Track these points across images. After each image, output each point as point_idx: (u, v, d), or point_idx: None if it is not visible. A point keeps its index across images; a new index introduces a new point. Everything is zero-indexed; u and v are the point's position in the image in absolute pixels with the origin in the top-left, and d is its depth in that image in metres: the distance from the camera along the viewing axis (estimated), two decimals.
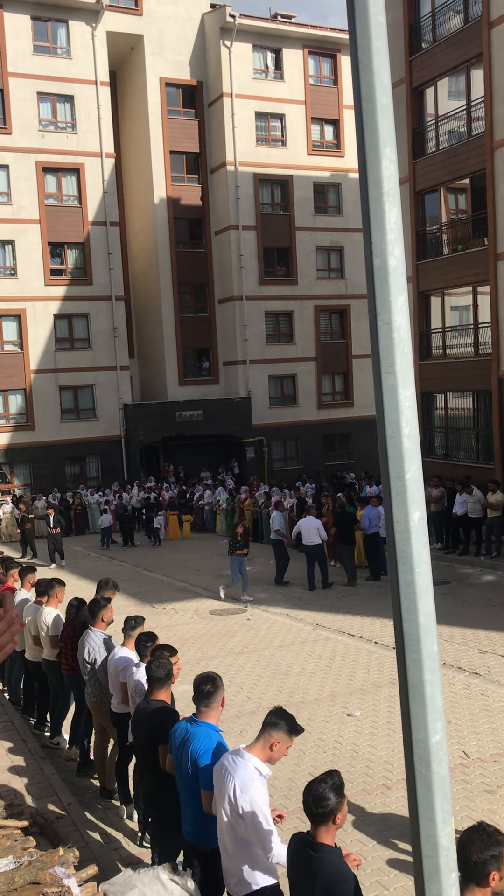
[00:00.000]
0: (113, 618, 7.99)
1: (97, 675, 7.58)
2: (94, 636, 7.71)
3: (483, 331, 22.73)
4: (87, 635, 7.76)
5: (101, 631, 7.78)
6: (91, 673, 7.64)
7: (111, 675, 7.23)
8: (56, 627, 8.84)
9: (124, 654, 7.12)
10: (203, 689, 4.93)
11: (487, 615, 14.08)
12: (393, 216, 2.09)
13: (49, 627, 8.87)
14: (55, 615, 8.94)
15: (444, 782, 2.19)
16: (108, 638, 7.77)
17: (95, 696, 7.68)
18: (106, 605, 7.89)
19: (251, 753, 4.42)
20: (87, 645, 7.68)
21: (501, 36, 20.75)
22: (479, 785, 7.53)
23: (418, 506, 2.15)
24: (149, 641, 6.78)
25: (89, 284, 33.00)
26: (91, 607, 7.96)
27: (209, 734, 4.86)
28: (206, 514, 28.82)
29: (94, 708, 7.78)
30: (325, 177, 36.76)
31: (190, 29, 34.80)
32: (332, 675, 11.27)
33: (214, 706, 4.95)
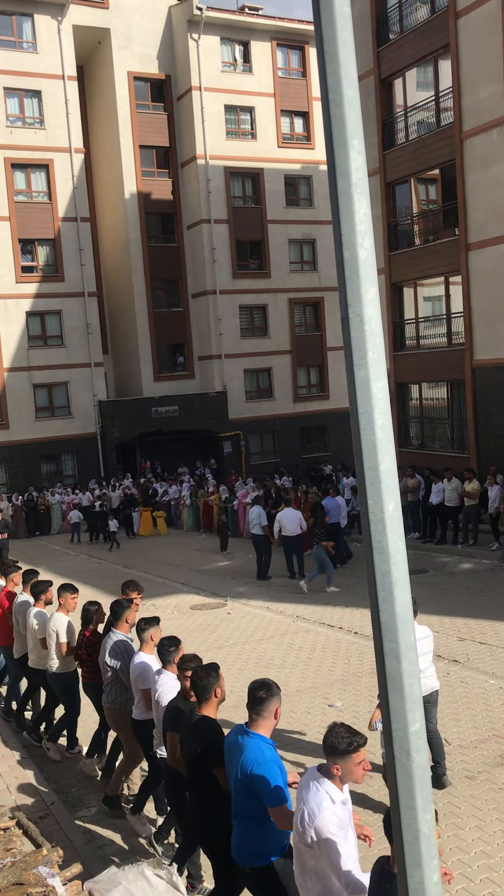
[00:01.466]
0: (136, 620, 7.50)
1: (120, 680, 7.22)
2: (115, 638, 7.36)
3: (456, 321, 22.87)
4: (109, 638, 7.41)
5: (123, 633, 7.41)
6: (113, 678, 7.27)
7: (132, 681, 6.95)
8: (69, 634, 8.40)
9: (142, 660, 6.82)
10: (256, 695, 4.57)
11: (465, 603, 14.20)
12: (362, 208, 2.10)
13: (61, 634, 8.39)
14: (67, 621, 8.47)
15: (424, 771, 2.21)
16: (129, 640, 7.37)
17: (117, 702, 7.27)
18: (129, 606, 7.51)
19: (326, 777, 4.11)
20: (108, 647, 7.33)
21: (468, 26, 20.83)
22: (461, 771, 7.60)
23: (393, 497, 2.16)
24: (172, 646, 6.44)
25: (61, 281, 32.77)
26: (114, 608, 7.54)
27: (260, 746, 4.46)
28: (172, 509, 28.76)
29: (110, 714, 7.42)
30: (295, 169, 36.74)
31: (157, 22, 34.58)
32: (313, 666, 11.31)
33: (267, 715, 4.54)
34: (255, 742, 4.46)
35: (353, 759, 4.06)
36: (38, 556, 23.29)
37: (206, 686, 5.10)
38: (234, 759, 4.51)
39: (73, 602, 8.59)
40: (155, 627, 6.96)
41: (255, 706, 4.56)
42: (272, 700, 4.55)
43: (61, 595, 8.59)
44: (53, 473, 33.09)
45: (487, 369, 21.48)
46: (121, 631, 7.41)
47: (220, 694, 5.14)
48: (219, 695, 5.14)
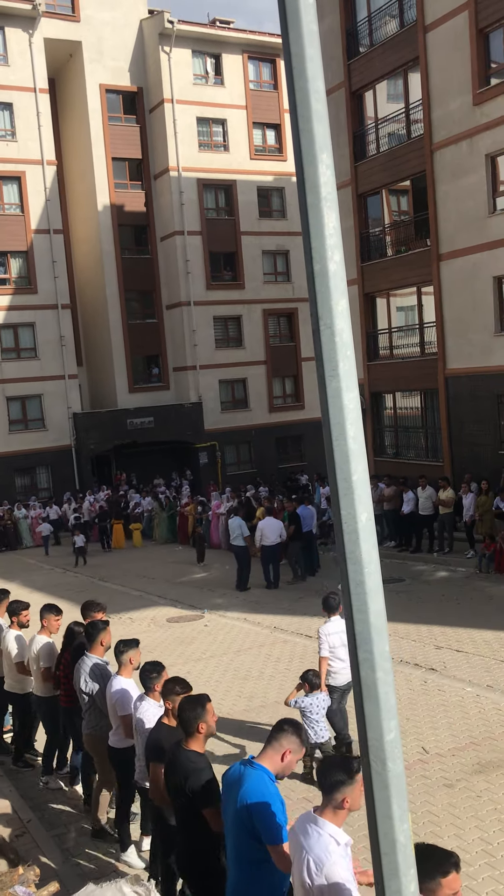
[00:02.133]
0: (111, 643, 7.18)
1: (96, 705, 6.91)
2: (91, 663, 7.03)
3: (428, 330, 23.07)
4: (83, 662, 7.06)
5: (97, 657, 7.08)
6: (89, 703, 6.95)
7: (109, 707, 6.61)
8: (49, 658, 8.02)
9: (121, 686, 6.50)
10: (281, 726, 4.28)
11: (442, 611, 14.27)
12: (331, 222, 2.12)
13: (41, 658, 8.04)
14: (45, 643, 8.10)
15: (400, 780, 2.22)
16: (105, 664, 7.05)
17: (97, 729, 6.92)
18: (105, 628, 7.15)
19: (324, 818, 3.80)
20: (82, 672, 7.00)
21: (437, 40, 21.12)
22: (439, 780, 7.62)
23: (365, 507, 2.17)
24: (154, 672, 6.12)
25: (34, 293, 32.62)
26: (88, 630, 7.21)
27: (263, 779, 4.10)
28: (144, 521, 28.61)
29: (88, 741, 7.07)
30: (268, 181, 36.93)
31: (128, 35, 34.66)
32: (291, 677, 11.28)
33: (277, 749, 4.18)
34: (259, 774, 4.13)
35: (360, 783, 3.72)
36: (14, 570, 23.09)
37: (188, 720, 4.79)
38: (233, 792, 4.14)
39: (57, 624, 8.25)
40: (134, 650, 6.64)
41: (274, 735, 4.24)
42: (287, 737, 4.21)
43: (44, 616, 8.23)
44: (28, 487, 32.83)
45: (460, 378, 21.68)
46: (95, 654, 7.09)
47: (204, 729, 4.80)
48: (203, 729, 4.80)
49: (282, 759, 4.13)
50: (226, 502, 24.54)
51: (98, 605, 7.94)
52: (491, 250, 20.20)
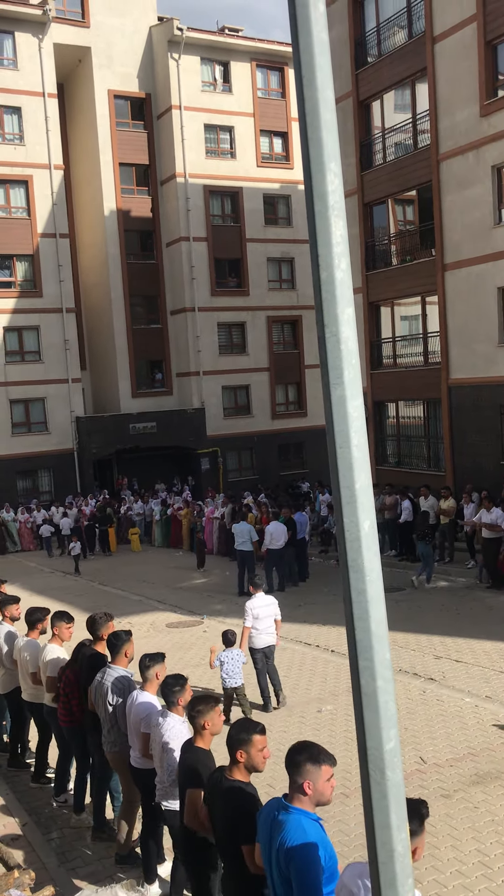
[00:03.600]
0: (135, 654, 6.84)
1: (119, 722, 6.48)
2: (115, 674, 6.60)
3: (432, 340, 23.08)
4: (107, 674, 6.64)
5: (122, 668, 6.67)
6: (112, 719, 6.52)
7: (131, 723, 6.17)
8: (54, 668, 7.65)
9: (146, 700, 6.13)
10: (295, 759, 3.77)
11: (442, 621, 14.24)
12: (338, 230, 2.13)
13: (48, 667, 7.73)
14: (55, 655, 7.76)
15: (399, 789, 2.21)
16: (129, 676, 6.66)
17: (117, 745, 6.52)
18: (128, 640, 6.74)
19: None
20: (107, 685, 6.56)
21: (445, 51, 21.19)
22: (436, 790, 7.60)
23: (368, 515, 2.18)
24: (176, 686, 5.72)
25: (39, 297, 32.68)
26: (112, 641, 6.77)
27: (301, 823, 3.65)
28: (140, 525, 28.59)
29: (113, 759, 6.65)
30: (274, 188, 37.01)
31: (138, 41, 34.81)
32: (290, 684, 11.27)
33: (299, 784, 3.74)
34: (297, 818, 3.67)
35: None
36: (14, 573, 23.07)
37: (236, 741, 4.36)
38: (274, 839, 3.73)
39: (69, 632, 7.95)
40: (160, 665, 6.29)
41: (289, 770, 3.77)
42: (307, 768, 3.72)
43: (55, 624, 7.92)
44: (30, 490, 32.83)
45: (463, 388, 21.68)
46: (120, 666, 6.69)
47: (244, 758, 4.34)
48: (242, 758, 4.34)
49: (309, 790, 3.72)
50: (220, 507, 24.58)
51: (67, 617, 7.70)
52: (496, 261, 20.22)
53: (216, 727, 5.07)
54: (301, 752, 3.76)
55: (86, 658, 7.16)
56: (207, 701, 5.11)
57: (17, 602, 9.29)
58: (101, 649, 7.18)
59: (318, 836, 3.65)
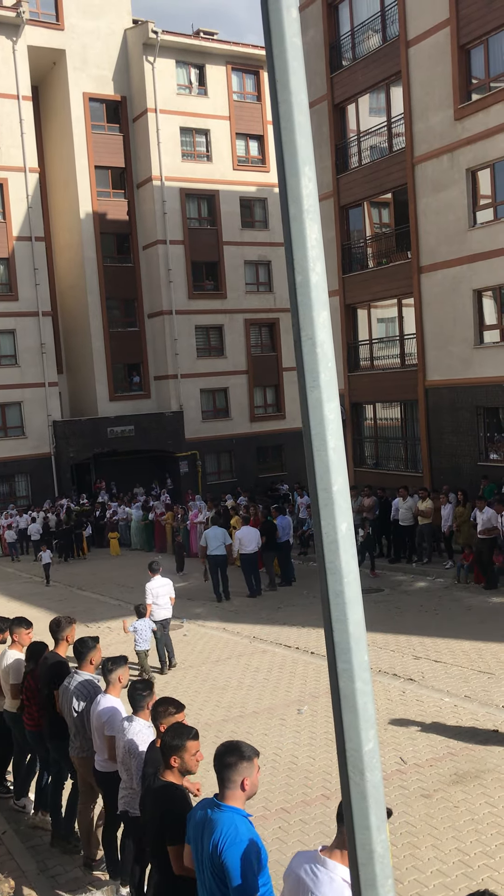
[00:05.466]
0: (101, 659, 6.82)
1: (85, 726, 6.49)
2: (80, 679, 6.64)
3: (409, 342, 23.21)
4: (73, 679, 6.67)
5: (88, 674, 6.70)
6: (79, 723, 6.52)
7: (94, 727, 6.21)
8: (17, 674, 7.62)
9: (110, 704, 6.15)
10: (224, 761, 3.80)
11: (420, 621, 14.30)
12: (313, 233, 2.13)
13: (10, 674, 7.68)
14: (15, 659, 7.73)
15: (378, 790, 2.22)
16: (96, 681, 6.65)
17: (84, 750, 6.53)
18: (94, 647, 6.78)
19: (334, 860, 3.28)
20: (72, 690, 6.57)
21: (419, 55, 21.34)
22: (417, 790, 7.63)
23: (345, 517, 2.18)
24: (145, 690, 5.79)
25: (15, 300, 32.49)
26: (77, 647, 6.80)
27: (234, 821, 3.70)
28: (121, 529, 28.51)
29: (81, 765, 6.65)
30: (251, 191, 37.08)
31: (112, 44, 34.74)
32: (270, 687, 11.28)
33: (236, 783, 3.77)
34: (229, 816, 3.71)
35: None
36: None
37: (170, 748, 4.49)
38: (206, 838, 3.74)
39: (28, 637, 7.91)
40: (123, 668, 6.32)
41: (222, 773, 3.80)
42: (242, 766, 3.78)
43: (14, 630, 7.91)
44: (7, 494, 32.61)
45: (440, 389, 21.82)
46: (86, 672, 6.73)
47: (177, 763, 4.48)
48: (176, 764, 4.47)
49: (243, 789, 3.77)
50: (204, 511, 24.52)
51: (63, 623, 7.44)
52: (470, 263, 20.38)
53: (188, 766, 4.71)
54: (232, 752, 3.81)
55: (48, 665, 7.10)
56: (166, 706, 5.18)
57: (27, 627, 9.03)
58: (62, 652, 7.19)
59: (250, 832, 3.72)
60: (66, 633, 7.19)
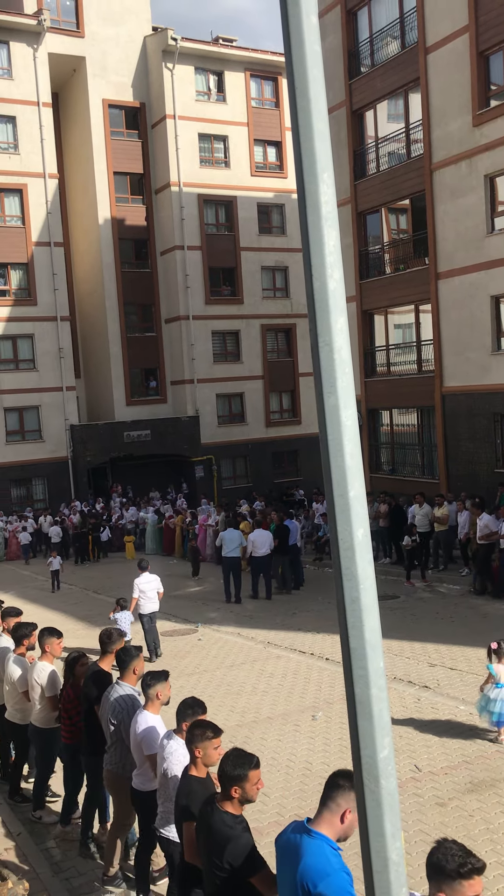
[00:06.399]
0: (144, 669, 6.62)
1: (122, 740, 6.28)
2: (120, 692, 6.42)
3: (426, 348, 23.14)
4: (113, 691, 6.47)
5: (129, 686, 6.48)
6: (116, 737, 6.32)
7: (133, 744, 5.98)
8: (53, 687, 7.45)
9: (149, 723, 5.90)
10: (338, 782, 3.59)
11: (436, 629, 14.23)
12: (332, 240, 2.14)
13: (45, 686, 7.48)
14: (49, 671, 7.54)
15: (393, 798, 2.21)
16: (135, 695, 6.43)
17: (119, 766, 6.32)
18: (138, 655, 6.58)
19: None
20: (111, 703, 6.37)
21: (437, 61, 21.32)
22: (431, 798, 7.58)
23: (362, 523, 2.18)
24: (189, 710, 5.42)
25: (34, 305, 32.70)
26: (120, 656, 6.59)
27: (324, 852, 3.45)
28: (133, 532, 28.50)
29: (110, 779, 6.47)
30: (268, 197, 37.14)
31: (132, 51, 34.95)
32: (284, 693, 11.26)
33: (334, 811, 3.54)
34: (320, 846, 3.46)
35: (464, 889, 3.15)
36: (7, 581, 23.02)
37: (231, 778, 4.19)
38: (290, 865, 3.54)
39: (59, 647, 7.77)
40: (162, 683, 6.00)
41: (329, 793, 3.57)
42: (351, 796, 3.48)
43: (45, 641, 7.67)
44: (24, 498, 32.77)
45: (457, 396, 21.73)
46: (128, 683, 6.49)
47: (238, 794, 4.19)
48: (237, 794, 4.18)
49: (342, 821, 3.52)
50: (214, 515, 24.58)
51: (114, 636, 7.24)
52: (488, 270, 20.30)
53: (209, 759, 4.80)
54: (348, 777, 3.49)
55: (89, 675, 7.00)
56: (204, 729, 4.85)
57: (18, 615, 9.12)
58: (107, 664, 7.06)
59: (340, 863, 3.48)
60: (115, 647, 6.99)
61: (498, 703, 8.79)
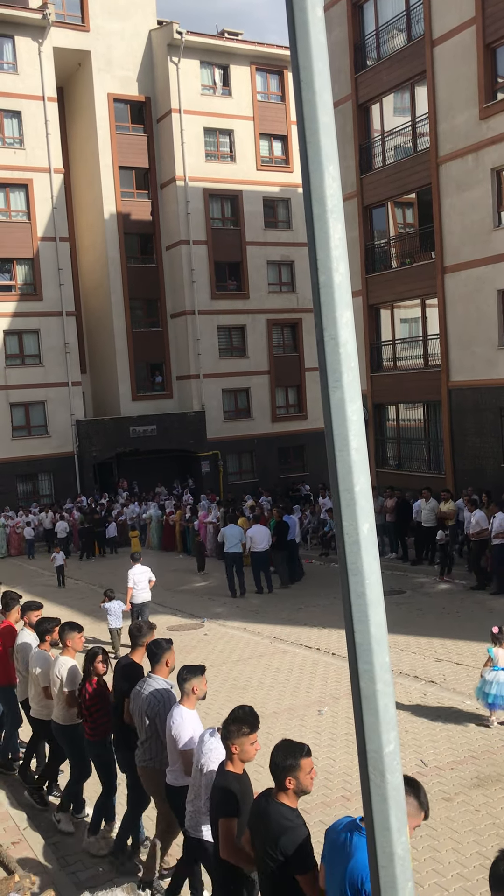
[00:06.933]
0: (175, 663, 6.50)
1: (157, 735, 6.14)
2: (154, 686, 6.29)
3: (432, 342, 23.09)
4: (146, 684, 6.33)
5: (163, 679, 6.35)
6: (151, 732, 6.19)
7: (169, 739, 5.84)
8: (73, 682, 7.26)
9: (183, 718, 5.73)
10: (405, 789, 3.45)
11: (442, 623, 14.23)
12: (337, 233, 2.13)
13: (64, 681, 7.30)
14: (70, 666, 7.37)
15: (399, 792, 2.21)
16: (169, 688, 6.30)
17: (154, 762, 6.17)
18: (169, 648, 6.45)
19: None
20: (144, 696, 6.22)
21: (444, 54, 21.22)
22: (437, 793, 7.58)
23: (367, 518, 2.17)
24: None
25: (39, 300, 32.71)
26: (152, 649, 6.47)
27: None
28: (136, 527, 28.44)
29: (145, 776, 6.31)
30: (274, 192, 37.05)
31: (137, 45, 34.87)
32: (290, 688, 11.27)
33: None
34: None
35: None
36: (16, 577, 23.08)
37: (283, 769, 4.11)
38: (340, 862, 3.53)
39: (81, 641, 7.65)
40: (198, 678, 5.84)
41: None
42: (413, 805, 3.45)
43: (67, 635, 7.53)
44: (30, 493, 32.83)
45: (463, 390, 21.68)
46: (160, 676, 6.37)
47: (293, 784, 4.11)
48: (291, 785, 4.10)
49: None
50: (214, 511, 24.60)
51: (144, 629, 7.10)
52: (495, 264, 20.23)
53: (246, 755, 4.70)
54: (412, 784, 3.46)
55: (120, 667, 6.89)
56: (240, 725, 4.71)
57: (39, 608, 8.91)
58: (137, 658, 6.95)
59: None
60: (146, 640, 6.86)
61: (494, 686, 9.04)
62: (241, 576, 18.52)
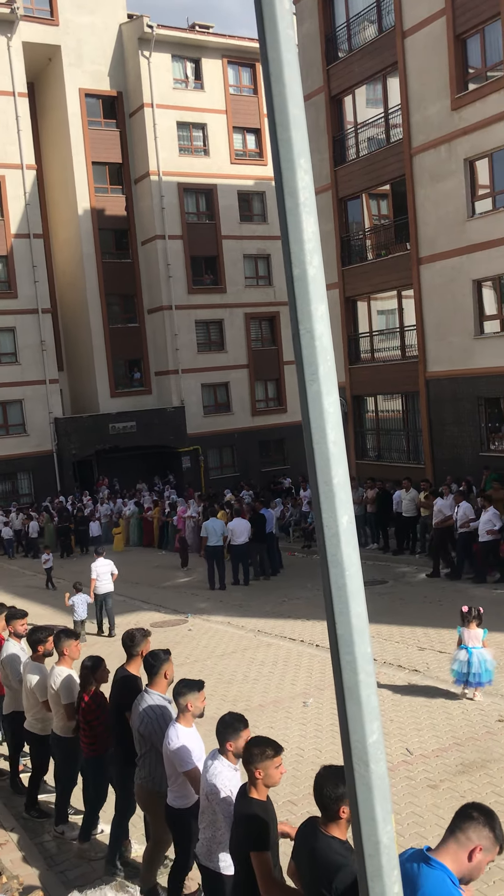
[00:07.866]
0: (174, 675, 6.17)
1: (154, 752, 5.80)
2: (149, 702, 5.92)
3: (409, 333, 23.17)
4: (143, 700, 5.95)
5: (159, 694, 5.99)
6: (146, 749, 5.86)
7: (166, 760, 5.49)
8: (69, 693, 6.88)
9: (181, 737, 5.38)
10: (469, 813, 3.14)
11: (424, 612, 14.32)
12: (310, 227, 2.12)
13: (61, 693, 6.93)
14: (65, 677, 6.98)
15: (383, 781, 2.22)
16: (166, 704, 5.95)
17: (150, 780, 5.87)
18: (167, 659, 6.08)
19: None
20: (140, 713, 5.89)
21: (415, 45, 21.25)
22: (423, 781, 7.64)
23: (346, 510, 2.18)
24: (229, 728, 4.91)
25: (14, 298, 32.46)
26: (149, 661, 6.09)
27: (445, 884, 2.99)
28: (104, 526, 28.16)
29: (142, 795, 6.02)
30: (249, 185, 36.99)
31: (108, 39, 34.63)
32: (275, 680, 11.30)
33: (464, 844, 3.05)
34: (441, 877, 3.00)
35: None
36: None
37: (334, 799, 3.75)
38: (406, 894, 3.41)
39: (78, 650, 7.28)
40: (195, 694, 5.50)
41: (459, 823, 3.11)
42: (483, 833, 3.06)
43: (62, 643, 7.15)
44: (9, 493, 32.63)
45: (441, 381, 21.79)
46: (157, 691, 6.00)
47: (346, 814, 3.73)
48: (345, 814, 3.73)
49: (469, 859, 3.04)
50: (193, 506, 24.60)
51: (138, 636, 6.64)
52: (470, 254, 20.33)
53: (271, 779, 4.34)
54: (481, 810, 3.14)
55: (116, 680, 6.50)
56: (264, 748, 4.36)
57: (24, 617, 8.58)
58: (133, 669, 6.53)
59: None
60: (140, 648, 6.49)
61: (457, 663, 9.62)
62: (221, 569, 18.63)
